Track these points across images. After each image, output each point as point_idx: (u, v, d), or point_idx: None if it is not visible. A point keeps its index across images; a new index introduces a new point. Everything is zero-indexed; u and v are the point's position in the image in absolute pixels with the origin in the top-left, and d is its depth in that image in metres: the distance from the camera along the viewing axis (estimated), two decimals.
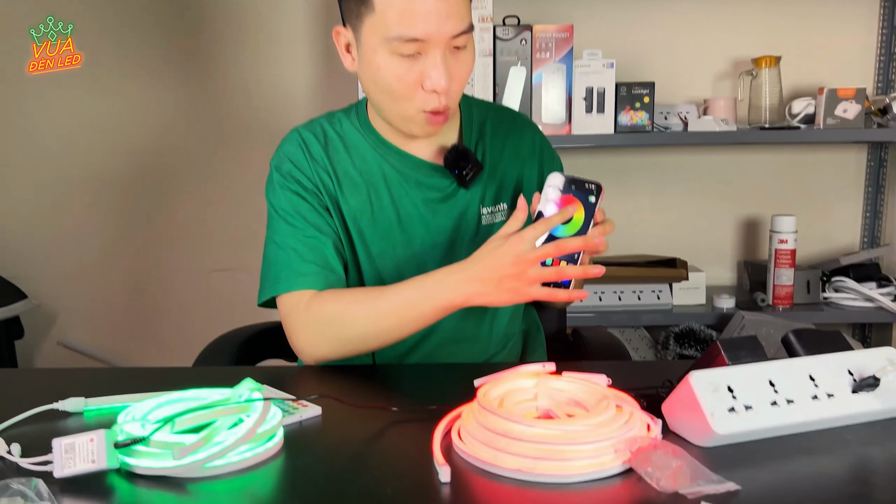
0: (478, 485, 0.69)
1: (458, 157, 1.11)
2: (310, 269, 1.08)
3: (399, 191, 1.13)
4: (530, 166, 1.20)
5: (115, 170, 2.33)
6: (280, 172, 1.13)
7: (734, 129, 2.00)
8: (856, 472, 0.72)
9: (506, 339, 1.21)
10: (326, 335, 1.04)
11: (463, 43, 1.00)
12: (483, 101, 1.24)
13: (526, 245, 0.92)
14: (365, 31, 1.01)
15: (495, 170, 1.17)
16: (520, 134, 1.21)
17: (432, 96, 1.01)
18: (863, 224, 2.26)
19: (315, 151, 1.13)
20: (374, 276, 1.14)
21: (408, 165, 1.13)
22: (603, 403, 0.75)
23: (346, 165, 1.13)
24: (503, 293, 0.94)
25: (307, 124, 1.17)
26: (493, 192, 1.16)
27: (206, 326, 1.53)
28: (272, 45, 2.25)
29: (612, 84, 1.92)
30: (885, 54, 2.15)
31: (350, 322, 1.03)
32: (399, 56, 0.99)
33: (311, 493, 0.68)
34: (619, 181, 2.22)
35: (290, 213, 1.10)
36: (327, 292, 1.06)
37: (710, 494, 0.64)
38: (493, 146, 1.18)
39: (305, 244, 1.09)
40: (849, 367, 0.82)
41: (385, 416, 0.84)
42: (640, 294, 2.09)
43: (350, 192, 1.12)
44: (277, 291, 1.08)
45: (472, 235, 1.15)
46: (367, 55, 1.02)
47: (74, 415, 0.88)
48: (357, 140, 1.15)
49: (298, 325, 1.06)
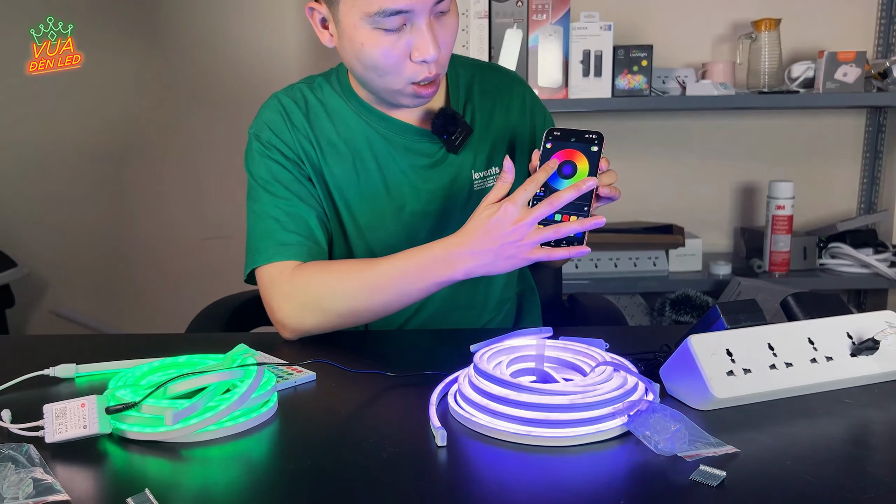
0: (474, 449, 0.69)
1: (445, 122, 1.07)
2: (292, 239, 1.03)
3: (386, 158, 1.09)
4: (521, 124, 1.16)
5: (105, 138, 2.29)
6: (260, 141, 1.08)
7: (733, 93, 1.98)
8: (854, 435, 0.72)
9: (501, 304, 1.20)
10: (312, 307, 0.99)
11: (446, 7, 0.96)
12: (469, 60, 1.20)
13: (519, 208, 0.88)
14: (343, 8, 0.96)
15: (486, 132, 1.13)
16: (509, 92, 1.17)
17: (422, 67, 0.98)
18: (860, 190, 2.25)
19: (296, 118, 1.08)
20: (364, 249, 1.10)
21: (394, 131, 1.09)
22: (600, 368, 0.75)
23: (329, 133, 1.09)
24: (502, 261, 0.90)
25: (286, 90, 1.12)
26: (484, 156, 1.13)
27: (198, 295, 1.52)
28: (256, 4, 2.20)
29: (610, 47, 1.89)
30: (886, 17, 2.12)
31: (341, 295, 0.98)
32: (383, 31, 0.95)
33: (305, 459, 0.67)
34: (617, 146, 2.20)
35: (271, 182, 1.06)
36: (313, 263, 1.02)
37: (708, 457, 0.64)
38: (482, 108, 1.14)
39: (288, 213, 1.05)
40: (848, 330, 0.82)
41: (380, 382, 0.84)
42: (637, 261, 2.08)
43: (334, 161, 1.08)
44: (258, 263, 1.04)
45: (465, 202, 1.12)
46: (347, 32, 0.97)
47: (66, 381, 0.87)
48: (339, 106, 1.10)
49: (282, 297, 1.01)
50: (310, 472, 0.65)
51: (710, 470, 0.61)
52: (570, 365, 0.79)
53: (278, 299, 1.01)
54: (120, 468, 0.68)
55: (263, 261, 1.03)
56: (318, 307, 0.99)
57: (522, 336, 0.81)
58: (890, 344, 0.81)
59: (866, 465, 0.65)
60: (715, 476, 0.61)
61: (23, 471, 0.60)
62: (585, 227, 0.87)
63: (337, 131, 1.09)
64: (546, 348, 0.81)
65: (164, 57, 2.25)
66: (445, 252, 0.93)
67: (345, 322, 1.01)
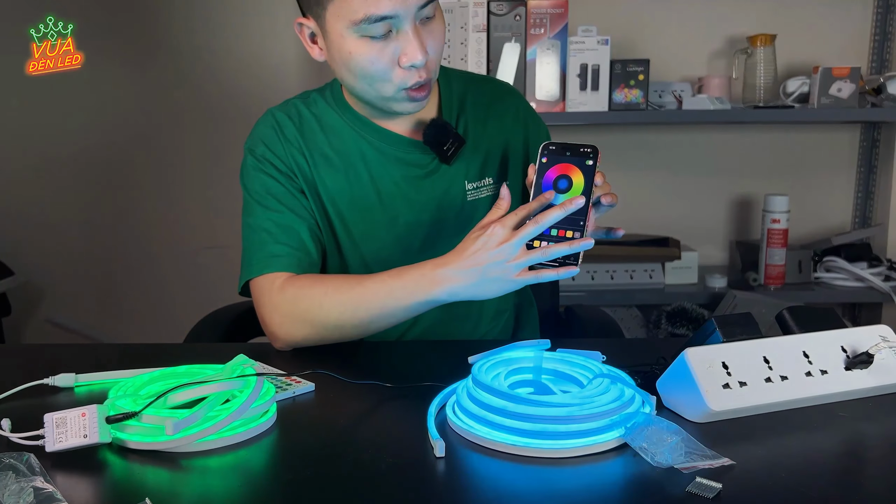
0: (472, 460, 0.69)
1: (437, 132, 1.07)
2: (283, 251, 1.04)
3: (378, 169, 1.09)
4: (515, 136, 1.16)
5: (103, 148, 2.30)
6: (254, 156, 1.09)
7: (728, 107, 1.99)
8: (849, 448, 0.73)
9: (498, 315, 1.21)
10: (302, 319, 0.99)
11: (431, 12, 0.97)
12: (461, 73, 1.20)
13: (507, 230, 0.87)
14: (329, 19, 0.97)
15: (479, 143, 1.13)
16: (502, 103, 1.17)
17: (411, 73, 0.98)
18: (854, 204, 2.26)
19: (289, 132, 1.09)
20: (358, 261, 1.11)
21: (386, 142, 1.10)
22: (598, 380, 0.75)
23: (322, 146, 1.09)
24: (489, 284, 0.89)
25: (281, 105, 1.13)
26: (477, 167, 1.13)
27: (195, 304, 1.52)
28: (254, 18, 2.21)
29: (607, 61, 1.91)
30: (880, 33, 2.15)
31: (328, 308, 0.98)
32: (369, 38, 0.95)
33: (304, 469, 0.68)
34: (613, 159, 2.21)
35: (264, 196, 1.07)
36: (304, 276, 1.02)
37: (704, 469, 0.64)
38: (474, 119, 1.14)
39: (279, 226, 1.05)
40: (842, 344, 0.83)
41: (379, 393, 0.84)
42: (633, 273, 2.09)
43: (327, 173, 1.09)
44: (250, 275, 1.04)
45: (458, 212, 1.11)
46: (335, 43, 0.98)
47: (65, 390, 0.87)
48: (333, 119, 1.11)
49: (272, 308, 1.01)
50: (308, 482, 0.65)
51: (706, 482, 0.62)
52: (567, 377, 0.80)
53: (268, 310, 1.01)
54: (120, 477, 0.68)
55: (255, 273, 1.04)
56: (305, 320, 0.99)
57: (520, 348, 0.82)
58: (884, 358, 0.82)
59: (860, 478, 0.65)
60: (711, 488, 0.61)
61: (23, 480, 0.60)
62: (574, 248, 0.86)
63: (330, 143, 1.10)
64: (544, 360, 0.81)
65: (163, 68, 2.25)
66: (432, 271, 0.92)
67: (333, 336, 1.01)
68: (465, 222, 0.92)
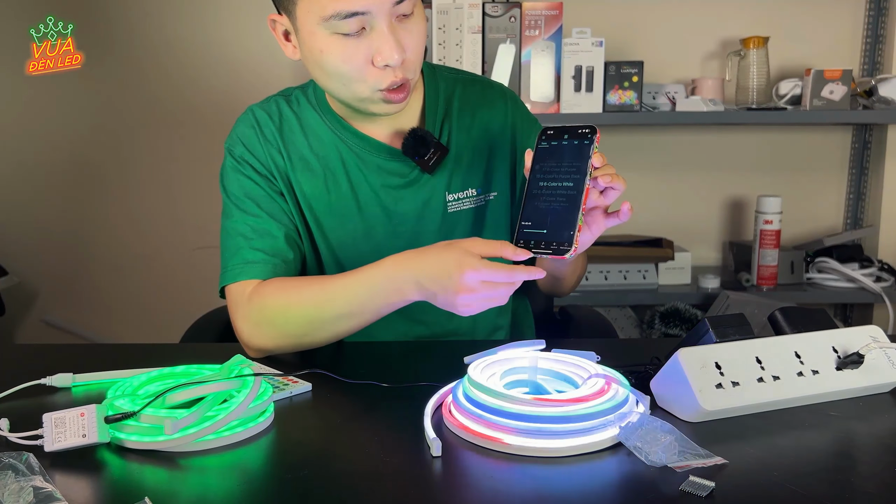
0: (468, 459, 0.70)
1: (416, 143, 1.03)
2: (258, 257, 1.02)
3: (358, 176, 1.06)
4: (501, 145, 1.11)
5: (97, 147, 2.29)
6: (233, 156, 1.07)
7: (722, 109, 2.01)
8: (840, 447, 0.74)
9: (493, 332, 1.18)
10: (268, 327, 0.97)
11: (408, 9, 0.93)
12: (452, 73, 1.14)
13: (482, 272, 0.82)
14: (300, 15, 0.93)
15: (462, 152, 1.09)
16: (490, 108, 1.12)
17: (386, 72, 0.94)
18: (846, 205, 2.28)
19: (268, 131, 1.06)
20: (334, 267, 1.08)
21: (367, 149, 1.06)
22: (592, 380, 0.76)
23: (302, 147, 1.07)
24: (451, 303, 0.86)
25: (262, 102, 1.10)
26: (460, 178, 1.09)
27: (190, 304, 1.52)
28: (248, 17, 2.21)
29: (601, 63, 1.92)
30: (872, 36, 2.16)
31: (293, 314, 0.96)
32: (341, 35, 0.91)
33: (301, 468, 0.68)
34: (607, 160, 2.22)
35: (242, 199, 1.05)
36: (270, 282, 1.00)
37: (697, 468, 0.65)
38: (459, 124, 1.10)
39: (255, 230, 1.03)
40: (833, 344, 0.84)
41: (376, 392, 0.85)
42: (626, 274, 2.10)
43: (304, 176, 1.06)
44: (225, 281, 1.03)
45: (438, 225, 1.08)
46: (306, 40, 0.95)
47: (62, 390, 0.87)
48: (314, 120, 1.08)
49: (241, 317, 0.99)
50: (306, 481, 0.66)
51: (699, 481, 0.63)
52: (562, 377, 0.81)
53: (239, 319, 1.00)
54: (119, 477, 0.68)
55: (229, 280, 1.02)
56: (272, 326, 0.97)
57: (516, 348, 0.83)
58: (874, 358, 0.83)
59: (851, 477, 0.66)
60: (704, 487, 0.62)
61: (23, 479, 0.60)
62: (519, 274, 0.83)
63: (310, 146, 1.07)
64: (539, 360, 0.82)
65: (155, 68, 2.25)
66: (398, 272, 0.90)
67: (301, 341, 0.99)
68: (446, 234, 0.88)
